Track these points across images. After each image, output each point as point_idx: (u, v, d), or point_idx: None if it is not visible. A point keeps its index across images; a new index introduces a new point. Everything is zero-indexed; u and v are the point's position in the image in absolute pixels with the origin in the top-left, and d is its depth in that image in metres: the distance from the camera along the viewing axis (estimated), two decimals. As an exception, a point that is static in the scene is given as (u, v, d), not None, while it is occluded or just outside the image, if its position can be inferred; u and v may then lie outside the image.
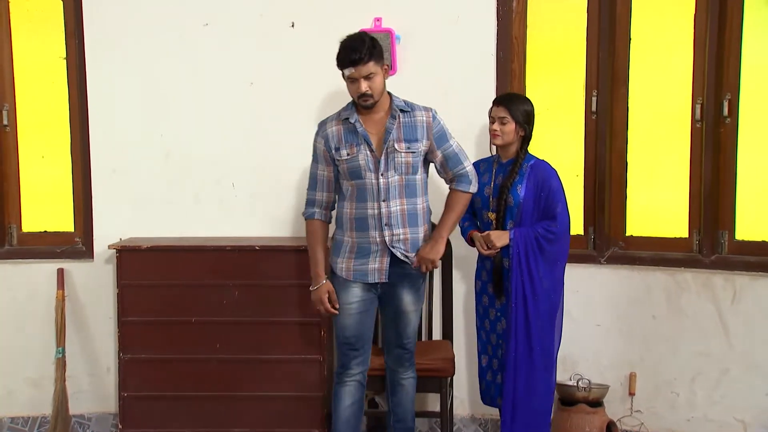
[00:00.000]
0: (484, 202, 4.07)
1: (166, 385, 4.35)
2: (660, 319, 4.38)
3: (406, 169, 3.74)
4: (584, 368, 4.41)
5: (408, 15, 4.46)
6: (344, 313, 3.83)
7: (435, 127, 3.78)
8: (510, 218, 3.98)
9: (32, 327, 4.68)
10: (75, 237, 4.75)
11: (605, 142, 4.46)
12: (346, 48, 3.66)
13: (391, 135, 3.71)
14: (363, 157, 3.72)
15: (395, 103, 3.77)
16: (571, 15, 4.50)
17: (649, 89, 4.44)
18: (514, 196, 3.96)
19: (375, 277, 3.78)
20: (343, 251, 3.83)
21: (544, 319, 3.95)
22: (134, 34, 4.56)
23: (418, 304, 3.91)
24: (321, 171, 3.83)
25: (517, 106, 3.97)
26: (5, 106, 4.70)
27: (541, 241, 3.93)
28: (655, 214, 4.48)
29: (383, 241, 3.74)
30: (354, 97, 3.71)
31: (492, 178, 4.07)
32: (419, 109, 3.79)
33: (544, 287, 3.94)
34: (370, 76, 3.64)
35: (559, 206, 3.95)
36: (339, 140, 3.76)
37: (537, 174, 3.97)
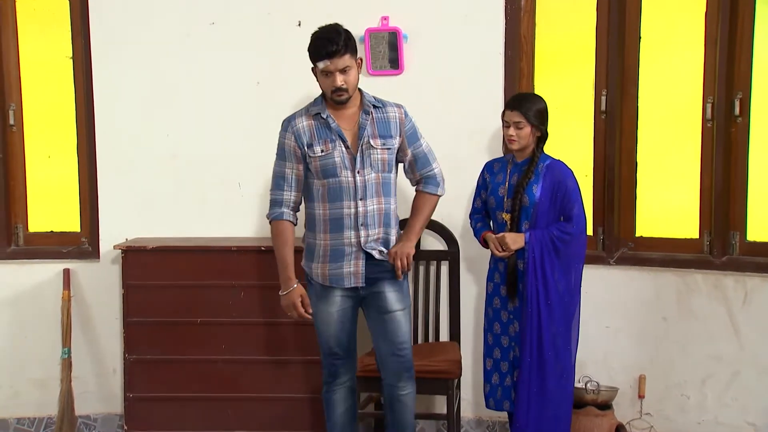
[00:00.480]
0: (498, 203, 4.02)
1: (171, 386, 4.34)
2: (670, 320, 4.33)
3: (382, 167, 3.62)
4: (593, 370, 4.37)
5: (415, 14, 4.43)
6: (326, 322, 3.69)
7: (407, 124, 3.69)
8: (525, 219, 3.94)
9: (38, 327, 4.67)
10: (81, 237, 4.74)
11: (615, 142, 4.41)
12: (321, 39, 3.52)
13: (366, 131, 3.60)
14: (338, 154, 3.57)
15: (366, 98, 3.66)
16: (581, 13, 4.45)
17: (659, 88, 4.38)
18: (530, 196, 3.91)
19: (351, 281, 3.63)
20: (317, 255, 3.66)
21: (558, 324, 3.89)
22: (140, 33, 4.55)
23: (404, 302, 3.71)
24: (290, 169, 3.64)
25: (531, 108, 3.90)
26: (11, 105, 4.69)
27: (557, 243, 3.88)
28: (665, 215, 4.43)
29: (358, 242, 3.59)
30: (327, 91, 3.57)
31: (507, 178, 4.01)
32: (390, 105, 3.70)
33: (560, 291, 3.89)
34: (345, 70, 3.51)
35: (575, 207, 3.90)
36: (311, 136, 3.60)
37: (553, 174, 3.93)
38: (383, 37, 4.41)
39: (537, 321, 3.87)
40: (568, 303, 3.92)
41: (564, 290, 3.90)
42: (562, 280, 3.90)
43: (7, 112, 4.68)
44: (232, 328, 4.29)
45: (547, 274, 3.88)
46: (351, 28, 4.36)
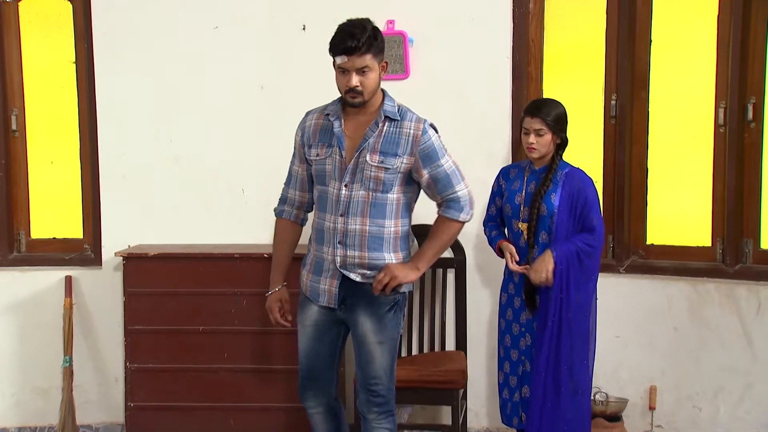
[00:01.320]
0: (514, 211, 3.86)
1: (173, 395, 4.29)
2: (681, 330, 4.24)
3: (374, 185, 3.25)
4: (602, 381, 4.28)
5: (421, 17, 4.36)
6: (301, 336, 3.43)
7: (423, 142, 3.25)
8: (542, 229, 3.78)
9: (40, 335, 4.62)
10: (84, 244, 4.70)
11: (625, 148, 4.33)
12: (343, 33, 3.19)
13: (367, 143, 3.25)
14: (331, 162, 3.28)
15: (385, 107, 3.28)
16: (590, 16, 4.37)
17: (670, 93, 4.30)
18: (548, 205, 3.76)
19: (324, 299, 3.34)
20: (307, 263, 3.44)
21: (576, 338, 3.76)
22: (143, 37, 4.50)
23: (383, 335, 3.30)
24: (296, 167, 3.44)
25: (551, 114, 3.75)
26: (14, 111, 4.66)
27: (581, 257, 3.73)
28: (676, 222, 4.34)
29: (334, 260, 3.28)
30: (341, 90, 3.25)
31: (524, 186, 3.86)
32: (409, 120, 3.29)
33: (580, 305, 3.76)
34: (363, 70, 3.18)
35: (595, 218, 3.77)
36: (313, 137, 3.35)
37: (573, 183, 3.78)
38: (388, 41, 4.33)
39: (557, 335, 3.72)
40: (586, 316, 3.80)
41: (584, 302, 3.78)
42: (583, 292, 3.77)
43: (10, 117, 4.64)
44: (235, 337, 4.23)
45: (570, 288, 3.73)
46: (356, 31, 4.36)
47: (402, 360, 4.25)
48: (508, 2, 4.32)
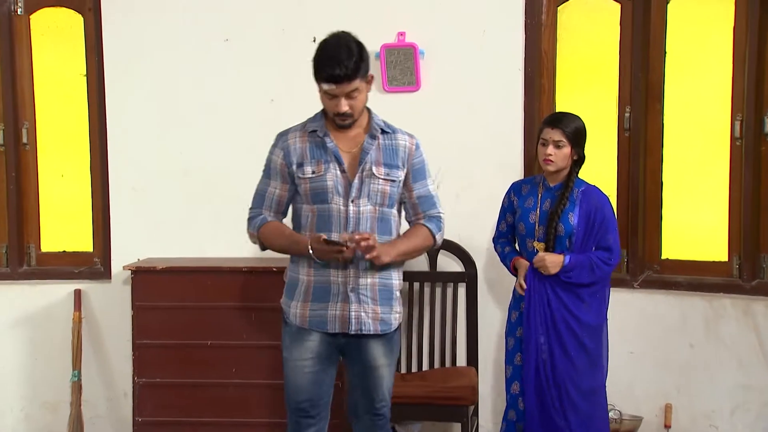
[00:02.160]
0: (529, 230, 3.73)
1: (182, 411, 4.24)
2: (697, 347, 4.16)
3: (382, 200, 3.16)
4: (616, 398, 4.19)
5: (432, 29, 4.32)
6: (296, 370, 3.19)
7: (416, 157, 3.22)
8: (559, 248, 3.66)
9: (49, 349, 4.61)
10: (94, 257, 4.68)
11: (639, 161, 4.27)
12: (329, 59, 3.03)
13: (369, 156, 3.15)
14: (331, 177, 3.13)
15: (375, 121, 3.20)
16: (603, 27, 4.32)
17: (685, 105, 4.24)
18: (566, 225, 3.64)
19: (336, 327, 3.15)
20: (297, 293, 3.20)
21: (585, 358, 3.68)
22: (154, 50, 4.49)
23: (392, 356, 3.25)
24: (273, 188, 3.23)
25: (571, 127, 3.64)
26: (25, 124, 4.65)
27: (596, 270, 3.64)
28: (692, 237, 4.27)
29: (345, 282, 3.12)
30: (329, 113, 3.15)
31: (538, 204, 3.73)
32: (402, 133, 3.24)
33: (591, 324, 3.67)
34: (352, 94, 3.07)
35: (612, 237, 3.69)
36: (303, 155, 3.17)
37: (590, 201, 3.67)
38: (399, 53, 4.30)
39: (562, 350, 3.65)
40: (597, 335, 3.71)
41: (594, 322, 3.69)
42: (594, 310, 3.69)
43: (21, 130, 4.64)
44: (243, 351, 4.19)
45: (583, 296, 3.67)
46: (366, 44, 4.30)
47: (412, 376, 4.21)
48: (520, 14, 4.27)
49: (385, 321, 3.19)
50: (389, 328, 3.21)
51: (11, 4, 4.59)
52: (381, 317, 3.18)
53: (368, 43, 4.28)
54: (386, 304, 3.19)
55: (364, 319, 3.15)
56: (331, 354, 3.23)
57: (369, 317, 3.15)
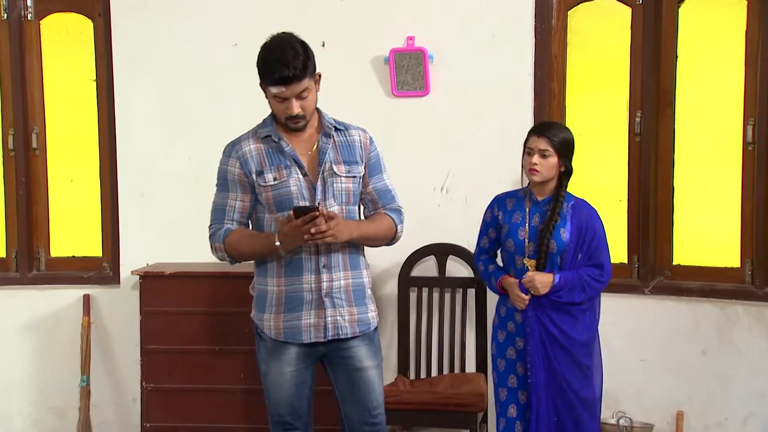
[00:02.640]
0: (518, 247, 3.56)
1: (190, 417, 4.24)
2: (709, 354, 4.11)
3: (346, 198, 3.08)
4: (627, 405, 4.17)
5: (441, 33, 4.30)
6: (277, 385, 3.10)
7: (371, 151, 3.15)
8: (550, 266, 3.51)
9: (58, 354, 4.61)
10: (103, 262, 4.68)
11: (650, 166, 4.22)
12: (275, 61, 2.93)
13: (327, 156, 3.06)
14: (294, 182, 3.02)
15: (326, 119, 3.12)
16: (614, 31, 4.29)
17: (696, 109, 4.19)
18: (558, 242, 3.49)
19: (311, 336, 3.04)
20: (268, 305, 3.08)
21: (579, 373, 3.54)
22: (163, 55, 4.49)
23: (377, 357, 3.15)
24: (233, 200, 3.09)
25: (559, 137, 3.49)
26: (35, 129, 4.66)
27: (587, 289, 3.51)
28: (703, 242, 4.22)
29: (319, 288, 3.02)
30: (281, 117, 3.03)
31: (526, 219, 3.57)
32: (354, 128, 3.17)
33: (583, 341, 3.55)
34: (303, 94, 2.96)
35: (604, 254, 3.56)
36: (261, 162, 3.05)
37: (580, 216, 3.53)
38: (408, 57, 4.28)
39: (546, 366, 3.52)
40: (589, 354, 3.57)
41: (587, 338, 3.56)
42: (586, 327, 3.56)
43: (31, 135, 4.65)
44: (251, 357, 4.09)
45: (575, 314, 3.53)
46: (376, 48, 4.35)
47: (420, 382, 4.17)
48: (530, 18, 4.25)
49: (362, 321, 3.11)
50: (368, 327, 3.13)
51: (21, 9, 4.60)
52: (358, 318, 3.10)
53: (377, 47, 4.35)
54: (361, 304, 3.12)
55: (341, 323, 3.06)
56: (309, 365, 3.13)
57: (345, 320, 3.07)
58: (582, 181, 4.31)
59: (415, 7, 4.33)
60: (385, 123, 4.37)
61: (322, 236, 2.89)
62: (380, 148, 3.22)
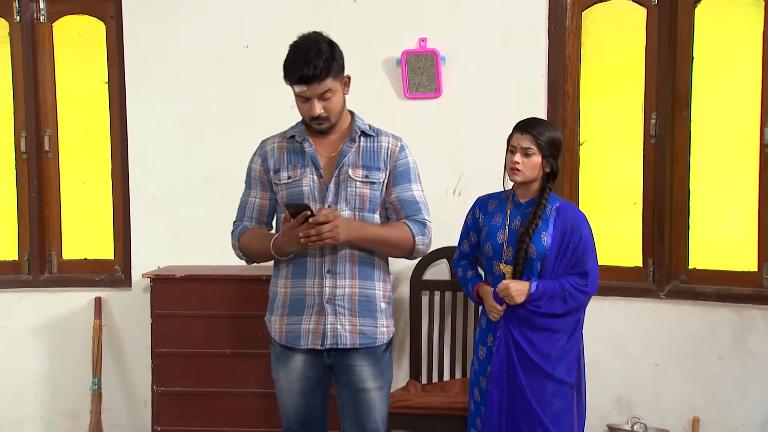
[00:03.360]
0: (496, 251, 3.33)
1: (200, 420, 4.21)
2: (726, 359, 4.05)
3: (360, 204, 2.98)
4: (642, 411, 4.11)
5: (454, 35, 4.27)
6: (285, 392, 3.05)
7: (399, 159, 3.04)
8: (530, 273, 3.27)
9: (70, 357, 4.60)
10: (115, 265, 4.67)
11: (665, 168, 4.17)
12: (297, 59, 2.90)
13: (346, 159, 2.99)
14: (307, 182, 2.98)
15: (357, 124, 3.05)
16: (630, 32, 4.24)
17: (713, 111, 4.13)
18: (538, 247, 3.24)
19: (308, 341, 2.96)
20: (276, 306, 3.05)
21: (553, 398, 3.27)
22: (174, 57, 4.48)
23: (382, 379, 3.03)
24: (253, 198, 3.10)
25: (544, 135, 3.26)
26: (47, 131, 4.66)
27: (568, 300, 3.24)
28: (720, 246, 4.15)
29: (321, 293, 2.95)
30: (305, 117, 3.00)
31: (506, 222, 3.34)
32: (386, 135, 3.08)
33: (562, 356, 3.27)
34: (325, 95, 2.91)
35: (590, 261, 3.28)
36: (280, 160, 3.04)
37: (565, 219, 3.28)
38: (421, 59, 4.25)
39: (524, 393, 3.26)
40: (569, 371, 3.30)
41: (565, 354, 3.29)
42: (564, 340, 3.29)
43: (43, 138, 4.64)
44: (262, 360, 4.09)
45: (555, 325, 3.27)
46: (387, 49, 4.32)
47: (432, 386, 4.14)
48: (544, 19, 4.21)
49: (366, 334, 2.99)
50: (372, 342, 3.00)
51: (34, 12, 4.60)
52: (360, 329, 2.98)
53: (390, 49, 4.32)
54: (367, 316, 3.00)
55: (340, 332, 2.96)
56: (321, 374, 3.04)
57: (346, 330, 2.96)
58: (596, 184, 4.30)
59: (428, 9, 4.30)
60: (396, 125, 4.28)
61: (318, 238, 2.83)
62: (413, 158, 3.10)
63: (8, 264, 4.70)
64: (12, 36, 4.63)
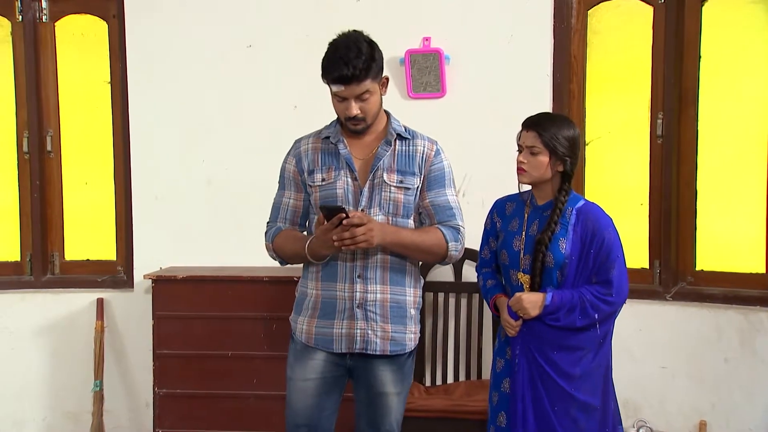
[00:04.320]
0: (513, 259, 3.10)
1: (202, 422, 4.18)
2: (733, 362, 3.99)
3: (394, 209, 2.93)
4: (648, 414, 4.07)
5: (458, 34, 4.23)
6: (299, 391, 2.99)
7: (434, 163, 2.98)
8: (549, 282, 3.03)
9: (72, 358, 4.58)
10: (117, 266, 4.64)
11: (672, 168, 4.12)
12: (337, 59, 2.84)
13: (381, 162, 2.94)
14: (342, 185, 2.94)
15: (393, 126, 2.99)
16: (636, 31, 4.20)
17: (720, 110, 4.09)
18: (556, 255, 3.00)
19: (342, 346, 2.93)
20: (305, 307, 3.00)
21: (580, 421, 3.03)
22: (176, 56, 4.45)
23: (402, 385, 3.00)
24: (287, 198, 3.06)
25: (552, 132, 3.01)
26: (49, 131, 4.63)
27: (589, 311, 2.96)
28: (727, 247, 4.11)
29: (352, 297, 2.91)
30: (341, 117, 2.96)
31: (524, 227, 3.11)
32: (421, 138, 3.01)
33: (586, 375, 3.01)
34: (363, 96, 2.87)
35: (615, 268, 2.98)
36: (314, 161, 2.99)
37: (586, 222, 3.02)
38: (424, 58, 4.21)
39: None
40: (595, 391, 3.05)
41: (590, 372, 3.03)
42: (590, 355, 3.03)
43: (45, 138, 4.62)
44: (264, 362, 4.11)
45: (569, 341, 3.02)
46: (391, 49, 4.25)
47: (436, 389, 4.10)
48: (549, 18, 4.17)
49: (396, 341, 2.96)
50: (402, 349, 2.98)
51: (36, 11, 4.58)
52: (392, 336, 2.95)
53: (393, 48, 4.27)
54: (398, 323, 2.97)
55: (371, 338, 2.92)
56: (338, 377, 3.01)
57: (377, 336, 2.93)
58: (602, 184, 4.25)
59: (432, 7, 4.26)
60: (400, 125, 4.31)
61: (353, 242, 2.78)
62: (448, 162, 3.05)
63: (10, 265, 4.67)
64: (14, 35, 4.60)
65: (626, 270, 3.04)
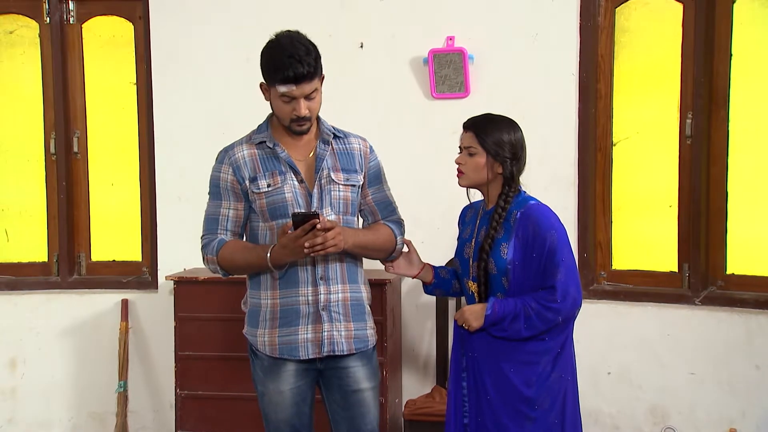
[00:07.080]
0: (464, 268, 2.98)
1: (224, 424, 4.18)
2: (764, 369, 3.88)
3: (344, 208, 2.92)
4: (677, 421, 3.97)
5: (482, 33, 4.17)
6: (276, 404, 2.92)
7: (371, 160, 3.00)
8: (498, 290, 2.87)
9: (97, 359, 4.60)
10: (142, 267, 4.65)
11: (702, 170, 4.01)
12: (288, 57, 2.76)
13: (325, 162, 2.90)
14: (289, 189, 2.86)
15: (324, 125, 2.97)
16: (665, 29, 4.10)
17: (751, 110, 3.97)
18: (497, 261, 2.84)
19: (308, 351, 2.87)
20: (262, 319, 2.91)
21: None
22: (201, 57, 4.45)
23: (375, 379, 2.97)
24: (226, 208, 2.92)
25: (490, 132, 2.88)
26: (76, 132, 4.66)
27: (534, 321, 2.77)
28: (759, 250, 3.98)
29: (316, 301, 2.86)
30: (285, 119, 2.86)
31: (474, 234, 2.97)
32: (353, 136, 3.01)
33: (536, 394, 2.82)
34: (312, 95, 2.81)
35: (560, 271, 2.77)
36: (254, 168, 2.89)
37: (527, 225, 2.83)
38: (448, 58, 4.16)
39: None
40: (545, 411, 2.84)
41: (537, 390, 2.83)
42: (540, 367, 2.83)
43: (72, 139, 4.64)
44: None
45: (510, 357, 2.84)
46: (414, 48, 4.25)
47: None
48: (574, 17, 4.10)
49: (359, 338, 2.94)
50: (365, 345, 2.96)
51: (63, 13, 4.61)
52: (355, 334, 2.93)
53: (416, 48, 4.24)
54: (359, 320, 2.95)
55: (337, 339, 2.89)
56: (310, 383, 2.96)
57: (342, 336, 2.89)
58: (630, 186, 4.17)
59: (455, 6, 4.21)
60: (423, 125, 4.27)
61: (323, 247, 2.73)
62: (379, 158, 3.06)
63: (38, 265, 4.71)
64: (42, 37, 4.64)
65: (576, 274, 2.85)
